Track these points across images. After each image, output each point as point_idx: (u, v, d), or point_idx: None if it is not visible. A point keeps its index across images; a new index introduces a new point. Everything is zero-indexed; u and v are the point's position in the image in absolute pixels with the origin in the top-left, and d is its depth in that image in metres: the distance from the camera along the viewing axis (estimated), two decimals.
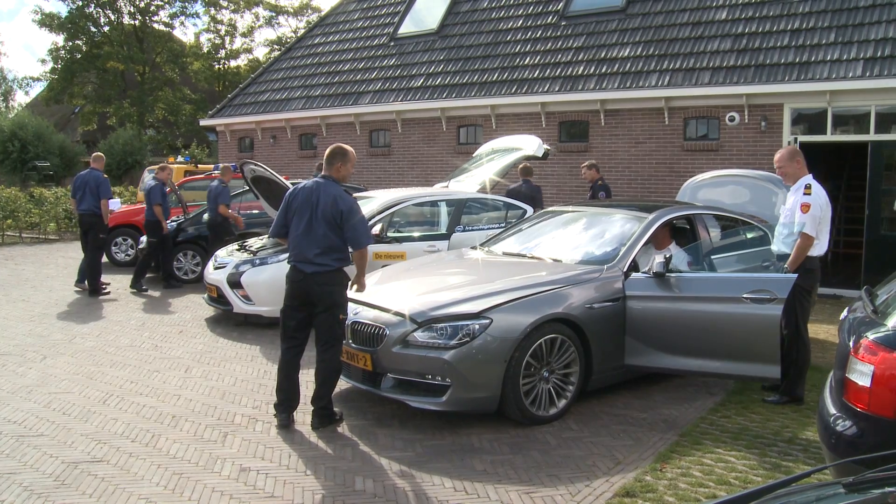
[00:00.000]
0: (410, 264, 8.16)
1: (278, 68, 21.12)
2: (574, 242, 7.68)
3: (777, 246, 6.89)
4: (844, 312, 4.85)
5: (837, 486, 2.26)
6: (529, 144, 11.90)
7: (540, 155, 11.87)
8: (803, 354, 6.70)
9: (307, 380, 6.39)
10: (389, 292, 6.85)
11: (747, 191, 9.37)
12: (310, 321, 6.14)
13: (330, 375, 6.09)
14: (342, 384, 7.02)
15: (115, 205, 14.72)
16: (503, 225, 10.35)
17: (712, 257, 7.58)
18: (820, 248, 6.67)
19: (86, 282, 12.56)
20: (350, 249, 6.09)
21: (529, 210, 10.90)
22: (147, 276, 13.36)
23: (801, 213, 6.52)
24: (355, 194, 11.85)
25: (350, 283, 6.25)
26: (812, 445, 5.66)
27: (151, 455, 5.57)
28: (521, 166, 11.99)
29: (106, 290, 12.42)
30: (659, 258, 6.68)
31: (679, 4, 14.87)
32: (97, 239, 12.40)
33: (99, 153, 13.38)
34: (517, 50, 16.31)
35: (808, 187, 6.59)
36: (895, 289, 4.54)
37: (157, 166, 13.65)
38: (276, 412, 6.19)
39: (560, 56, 15.52)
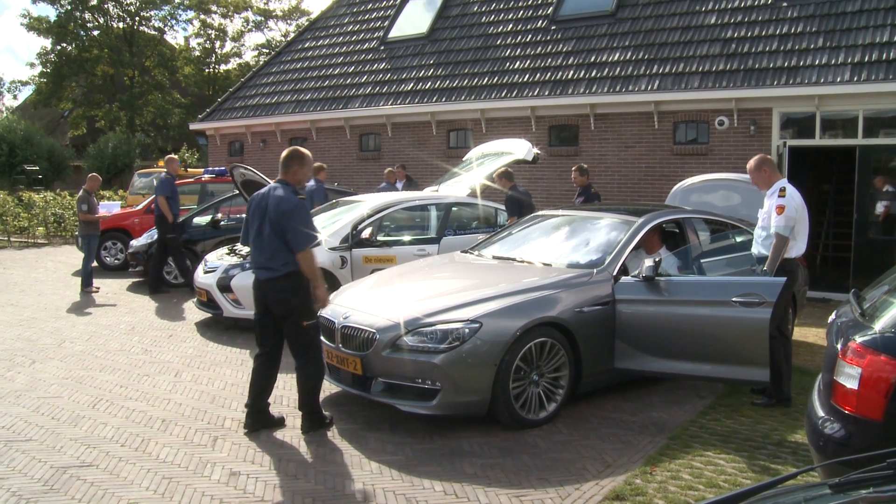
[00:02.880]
0: (401, 269, 8.16)
1: (268, 72, 21.10)
2: (564, 246, 7.70)
3: (756, 249, 6.98)
4: (832, 315, 4.87)
5: (824, 487, 2.28)
6: (519, 148, 11.93)
7: (530, 159, 11.89)
8: (783, 355, 6.75)
9: (288, 383, 6.38)
10: (381, 297, 6.85)
11: (737, 195, 9.42)
12: (277, 329, 6.13)
13: (308, 384, 6.08)
14: (332, 388, 7.02)
15: (114, 207, 14.70)
16: (493, 229, 10.36)
17: (702, 261, 7.62)
18: (798, 249, 6.77)
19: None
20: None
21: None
22: (138, 279, 13.33)
23: (776, 216, 6.64)
24: (343, 198, 11.88)
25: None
26: (801, 448, 5.69)
27: (141, 459, 5.55)
28: (500, 171, 11.37)
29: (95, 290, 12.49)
30: (648, 262, 6.70)
31: (669, 9, 14.94)
32: (164, 239, 12.54)
33: (170, 155, 13.67)
34: (507, 54, 16.34)
35: (782, 190, 6.72)
36: (882, 292, 4.57)
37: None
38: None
39: (550, 60, 15.56)
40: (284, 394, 7.15)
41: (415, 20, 18.94)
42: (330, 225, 10.22)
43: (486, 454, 5.62)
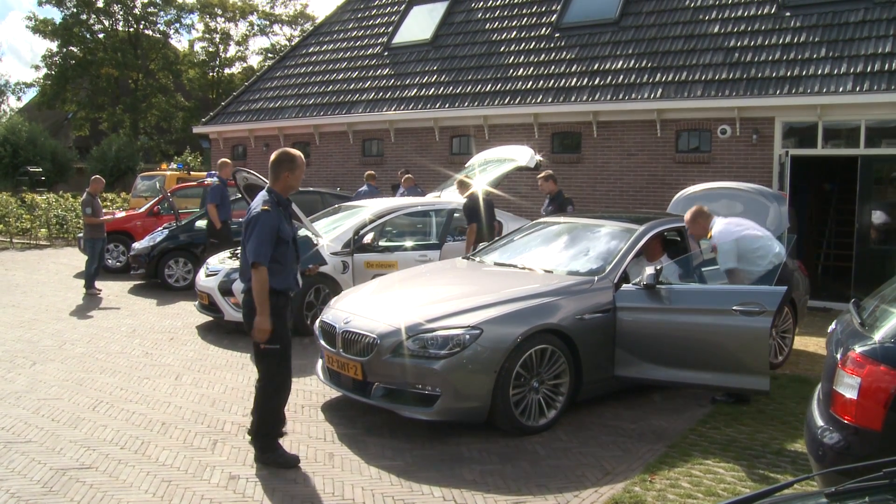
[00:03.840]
0: (403, 274, 8.16)
1: (272, 76, 21.13)
2: (565, 253, 7.71)
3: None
4: (833, 325, 4.88)
5: (820, 495, 2.28)
6: (522, 155, 11.94)
7: (532, 166, 11.90)
8: None
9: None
10: (382, 303, 6.86)
11: (739, 204, 9.41)
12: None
13: (259, 403, 5.55)
14: (333, 393, 7.03)
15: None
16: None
17: (703, 269, 7.62)
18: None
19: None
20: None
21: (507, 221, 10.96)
22: (140, 281, 13.35)
23: (718, 256, 7.12)
24: (346, 203, 11.91)
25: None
26: (800, 457, 5.69)
27: (140, 462, 5.56)
28: (458, 180, 10.94)
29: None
30: (649, 270, 6.71)
31: (672, 17, 14.96)
32: (207, 243, 12.63)
33: (224, 159, 13.69)
34: (510, 61, 16.36)
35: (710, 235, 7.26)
36: (882, 302, 4.57)
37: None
38: None
39: (553, 67, 15.58)
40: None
41: (419, 26, 18.97)
42: (332, 230, 10.25)
43: (486, 460, 5.63)
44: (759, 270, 7.12)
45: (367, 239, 10.03)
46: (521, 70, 15.97)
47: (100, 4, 43.66)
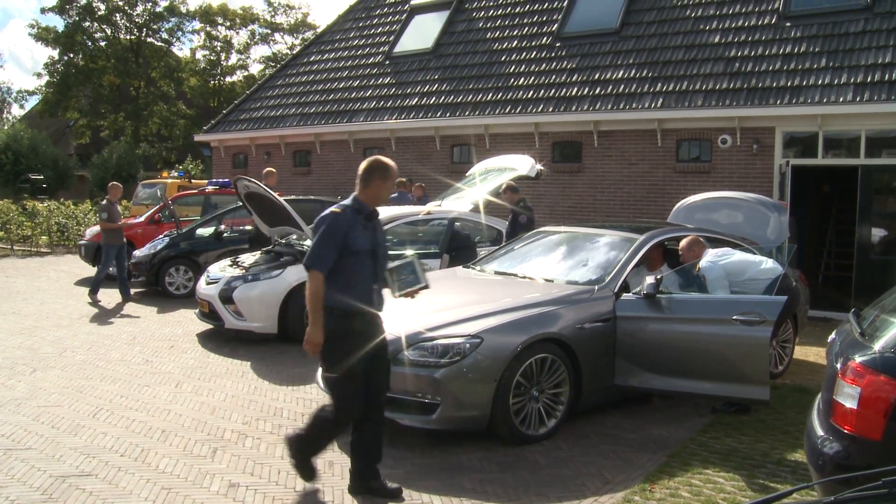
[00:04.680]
0: None
1: (273, 85, 21.18)
2: (566, 262, 7.72)
3: None
4: (833, 335, 4.88)
5: None
6: (522, 164, 11.95)
7: (533, 175, 11.90)
8: None
9: (289, 395, 6.37)
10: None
11: (740, 213, 9.43)
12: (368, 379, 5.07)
13: (315, 428, 5.12)
14: None
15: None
16: (489, 244, 10.39)
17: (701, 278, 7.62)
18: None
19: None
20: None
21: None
22: (141, 289, 13.36)
23: (709, 285, 7.11)
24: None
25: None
26: (800, 467, 5.68)
27: (140, 469, 5.55)
28: (506, 185, 11.23)
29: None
30: (650, 279, 6.73)
31: (673, 27, 15.00)
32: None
33: (269, 169, 13.88)
34: (511, 70, 16.40)
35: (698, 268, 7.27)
36: (883, 312, 4.58)
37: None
38: None
39: (554, 77, 15.62)
40: (285, 406, 7.16)
41: (420, 35, 19.02)
42: None
43: (486, 469, 5.62)
44: (758, 290, 7.14)
45: None
46: (522, 79, 16.01)
47: (102, 12, 43.79)
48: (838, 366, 4.16)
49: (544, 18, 17.06)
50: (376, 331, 5.02)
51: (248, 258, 10.81)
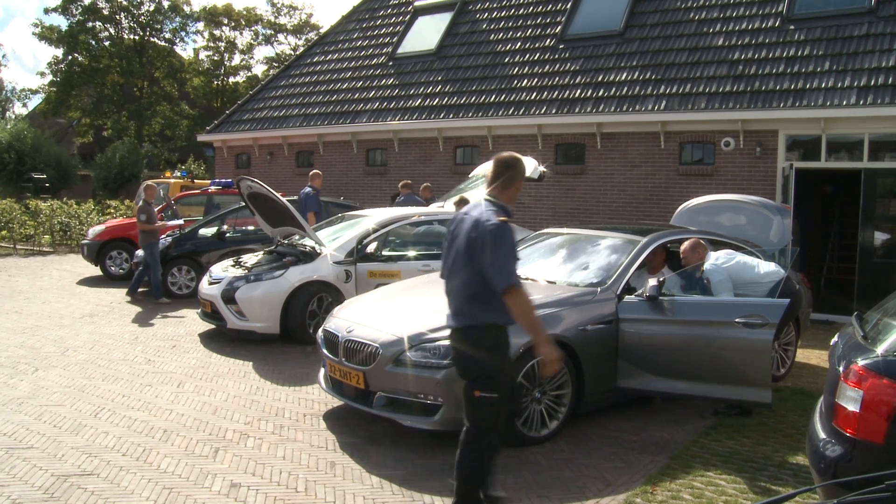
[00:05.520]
0: (406, 284, 8.17)
1: (276, 86, 21.20)
2: (568, 264, 7.72)
3: None
4: (835, 338, 4.88)
5: None
6: (525, 166, 11.95)
7: (536, 177, 11.92)
8: None
9: (291, 396, 6.37)
10: (385, 312, 6.86)
11: (743, 216, 9.43)
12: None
13: (465, 457, 4.64)
14: (335, 402, 7.03)
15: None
16: None
17: (704, 281, 7.61)
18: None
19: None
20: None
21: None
22: (143, 289, 13.36)
23: (713, 288, 7.07)
24: (349, 213, 11.92)
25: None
26: (802, 470, 5.68)
27: (142, 469, 5.56)
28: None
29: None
30: (652, 281, 6.73)
31: (676, 30, 15.00)
32: None
33: (315, 171, 14.26)
34: (515, 72, 16.40)
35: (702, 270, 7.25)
36: (886, 315, 4.57)
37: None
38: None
39: (557, 79, 15.62)
40: (287, 406, 7.16)
41: (423, 37, 19.02)
42: (335, 239, 10.27)
43: None
44: (761, 293, 7.13)
45: (371, 248, 10.05)
46: (526, 81, 16.01)
47: (105, 12, 43.83)
48: (841, 369, 4.16)
49: (548, 20, 17.06)
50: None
51: (250, 258, 10.82)
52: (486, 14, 18.42)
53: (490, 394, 4.45)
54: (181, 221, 14.49)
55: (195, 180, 21.81)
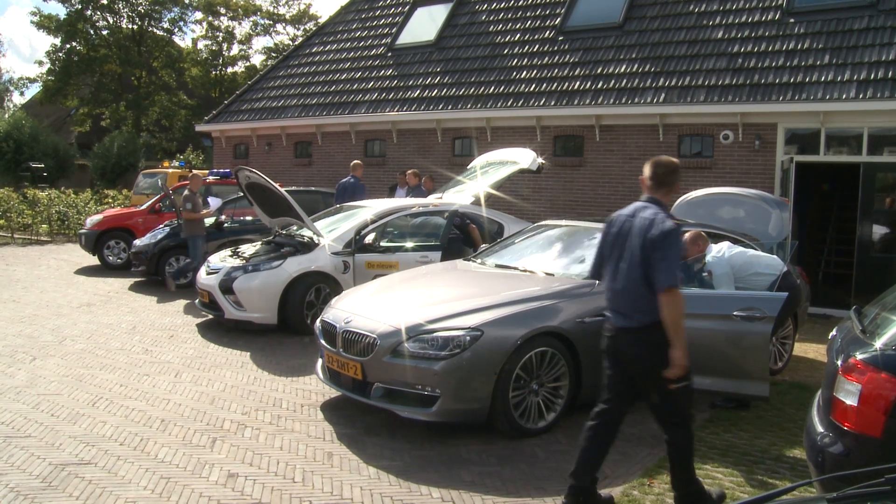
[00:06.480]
0: (404, 275, 8.17)
1: (275, 76, 21.13)
2: (567, 256, 7.71)
3: None
4: (833, 332, 4.88)
5: (821, 501, 2.28)
6: (524, 158, 11.94)
7: (534, 169, 11.89)
8: None
9: (289, 386, 6.36)
10: (382, 303, 6.86)
11: (742, 209, 9.43)
12: (631, 385, 4.94)
13: (677, 456, 4.83)
14: (333, 392, 7.03)
15: (216, 202, 14.61)
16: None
17: (703, 274, 7.61)
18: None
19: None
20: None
21: (508, 224, 10.96)
22: (141, 278, 13.35)
23: (714, 280, 7.18)
24: (347, 203, 11.90)
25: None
26: (799, 463, 5.69)
27: (139, 458, 5.56)
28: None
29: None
30: None
31: (676, 23, 14.96)
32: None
33: (357, 161, 14.41)
34: (514, 63, 16.37)
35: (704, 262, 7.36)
36: (884, 309, 4.57)
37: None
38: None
39: (556, 71, 15.58)
40: (285, 396, 7.16)
41: (423, 28, 18.97)
42: (333, 230, 10.25)
43: (485, 462, 5.63)
44: (762, 286, 7.14)
45: (369, 239, 10.04)
46: (525, 73, 15.98)
47: (104, 1, 43.67)
48: (839, 363, 4.16)
49: (547, 12, 17.02)
50: None
51: (248, 248, 10.81)
52: (486, 5, 18.36)
53: (683, 382, 4.63)
54: (219, 202, 14.48)
55: (193, 170, 21.80)
